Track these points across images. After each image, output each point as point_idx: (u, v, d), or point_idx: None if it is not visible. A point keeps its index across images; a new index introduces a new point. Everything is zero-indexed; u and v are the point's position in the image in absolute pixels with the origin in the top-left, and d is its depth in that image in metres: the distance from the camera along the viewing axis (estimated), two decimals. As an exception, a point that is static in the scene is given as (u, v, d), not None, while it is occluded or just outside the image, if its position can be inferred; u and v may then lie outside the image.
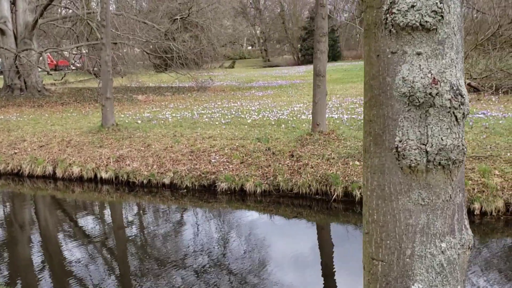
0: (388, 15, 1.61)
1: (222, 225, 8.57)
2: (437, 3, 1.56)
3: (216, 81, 30.32)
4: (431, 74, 1.58)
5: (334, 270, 6.64)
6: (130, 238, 8.23)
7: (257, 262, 6.82)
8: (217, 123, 13.29)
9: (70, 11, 27.13)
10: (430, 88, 1.57)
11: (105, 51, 12.24)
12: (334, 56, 55.54)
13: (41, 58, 25.67)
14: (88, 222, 9.25)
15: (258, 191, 9.36)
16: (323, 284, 6.12)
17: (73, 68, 40.80)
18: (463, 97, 1.60)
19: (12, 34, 24.71)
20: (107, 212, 10.10)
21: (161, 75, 33.11)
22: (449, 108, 1.59)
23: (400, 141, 1.62)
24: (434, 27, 1.57)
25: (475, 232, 7.21)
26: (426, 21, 1.56)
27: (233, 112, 15.42)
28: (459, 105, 1.59)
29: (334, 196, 8.70)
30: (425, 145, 1.60)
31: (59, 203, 10.63)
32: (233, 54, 63.06)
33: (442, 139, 1.60)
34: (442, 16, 1.56)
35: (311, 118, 13.26)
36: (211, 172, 10.01)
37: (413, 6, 1.57)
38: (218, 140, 11.20)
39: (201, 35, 27.84)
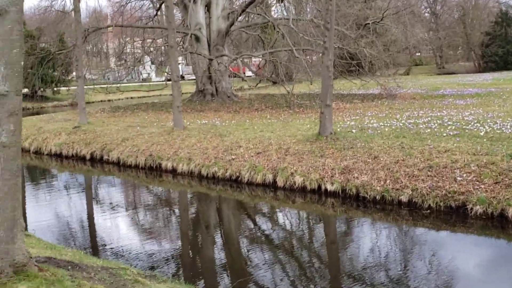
0: None
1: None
2: None
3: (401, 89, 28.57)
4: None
5: None
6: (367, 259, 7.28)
7: None
8: (444, 135, 11.82)
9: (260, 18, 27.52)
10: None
11: (327, 56, 11.48)
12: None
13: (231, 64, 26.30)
14: (317, 236, 8.58)
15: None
16: None
17: (250, 75, 41.96)
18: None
19: (206, 41, 25.55)
20: (339, 228, 9.37)
21: (336, 82, 32.01)
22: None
23: None
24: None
25: None
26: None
27: (449, 122, 13.79)
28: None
29: None
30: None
31: (285, 214, 10.25)
32: (405, 61, 60.23)
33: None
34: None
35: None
36: (459, 192, 8.66)
37: None
38: (458, 155, 9.76)
39: (376, 41, 26.40)
